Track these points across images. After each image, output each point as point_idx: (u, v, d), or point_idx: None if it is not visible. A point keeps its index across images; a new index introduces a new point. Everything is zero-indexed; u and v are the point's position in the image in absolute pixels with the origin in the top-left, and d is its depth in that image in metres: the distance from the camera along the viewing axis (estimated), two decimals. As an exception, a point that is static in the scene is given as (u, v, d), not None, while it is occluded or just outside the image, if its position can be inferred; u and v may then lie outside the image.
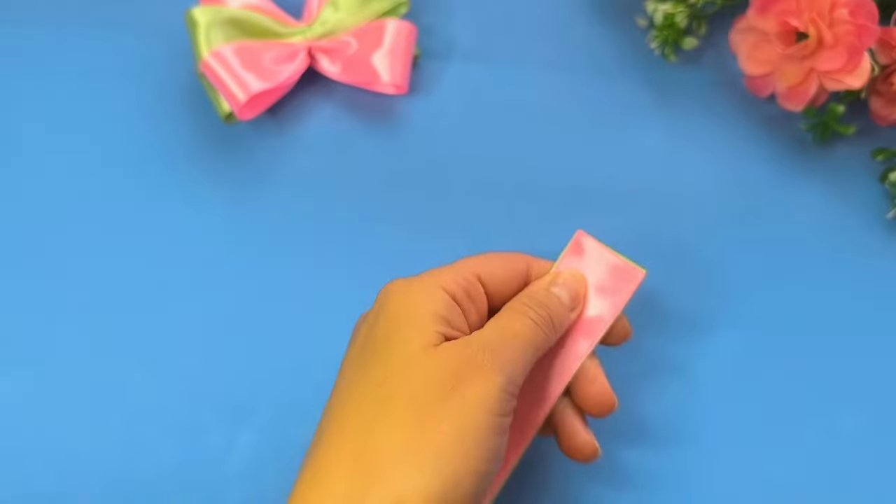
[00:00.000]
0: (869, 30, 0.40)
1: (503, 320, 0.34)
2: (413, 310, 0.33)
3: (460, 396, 0.30)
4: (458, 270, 0.35)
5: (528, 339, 0.33)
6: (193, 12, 0.45)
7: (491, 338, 0.33)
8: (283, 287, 0.43)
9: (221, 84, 0.44)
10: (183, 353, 0.42)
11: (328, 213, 0.45)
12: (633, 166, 0.46)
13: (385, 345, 0.32)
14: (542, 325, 0.34)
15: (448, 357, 0.31)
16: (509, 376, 0.32)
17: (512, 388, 0.32)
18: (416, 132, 0.47)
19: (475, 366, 0.31)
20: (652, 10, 0.47)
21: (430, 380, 0.31)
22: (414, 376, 0.31)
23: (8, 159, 0.46)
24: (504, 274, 0.36)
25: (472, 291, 0.35)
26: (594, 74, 0.48)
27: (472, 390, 0.30)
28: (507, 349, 0.32)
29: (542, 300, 0.35)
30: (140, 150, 0.46)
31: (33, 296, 0.43)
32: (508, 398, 0.31)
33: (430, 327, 0.32)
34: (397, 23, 0.46)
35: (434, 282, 0.34)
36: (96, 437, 0.41)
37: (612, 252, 0.38)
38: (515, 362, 0.32)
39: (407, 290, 0.34)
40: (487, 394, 0.31)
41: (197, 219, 0.45)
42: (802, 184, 0.45)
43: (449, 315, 0.33)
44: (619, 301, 0.37)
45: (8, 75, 0.48)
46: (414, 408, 0.30)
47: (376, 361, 0.32)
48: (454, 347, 0.32)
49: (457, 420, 0.30)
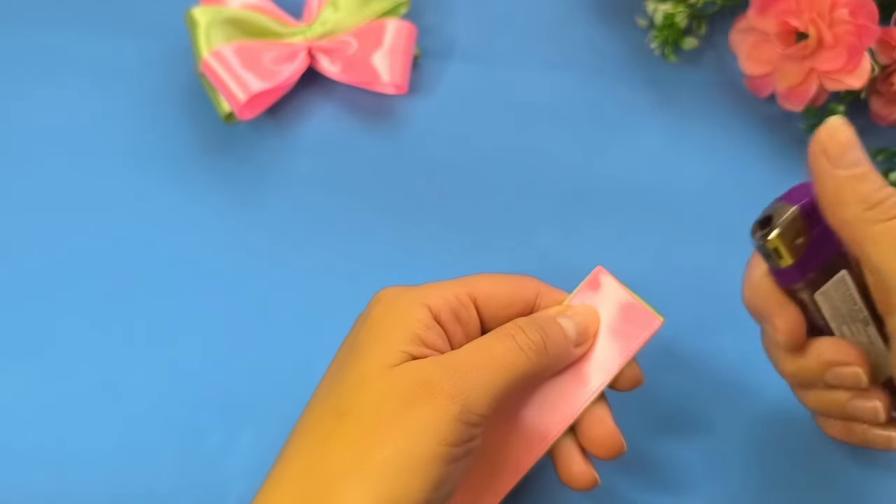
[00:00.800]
0: (869, 30, 0.40)
1: (485, 341, 0.32)
2: (388, 325, 0.32)
3: (407, 421, 0.29)
4: (452, 288, 0.34)
5: (505, 364, 0.31)
6: (193, 12, 0.45)
7: (460, 360, 0.31)
8: (284, 286, 0.43)
9: (221, 84, 0.44)
10: (183, 353, 0.42)
11: (328, 212, 0.45)
12: (633, 166, 0.46)
13: (352, 359, 0.32)
14: (528, 351, 0.32)
15: (403, 377, 0.30)
16: (467, 404, 0.30)
17: (470, 416, 0.30)
18: (416, 132, 0.47)
19: (429, 390, 0.30)
20: (652, 10, 0.47)
21: (381, 400, 0.30)
22: (366, 395, 0.30)
23: (8, 159, 0.46)
24: (505, 298, 0.34)
25: (461, 312, 0.33)
26: (594, 74, 0.48)
27: (420, 416, 0.29)
28: (475, 374, 0.30)
29: (541, 325, 0.33)
30: (140, 149, 0.46)
31: (33, 296, 0.43)
32: (463, 427, 0.30)
33: (396, 346, 0.31)
34: (397, 23, 0.46)
35: (420, 297, 0.33)
36: (96, 436, 0.41)
37: (630, 293, 0.36)
38: (480, 389, 0.30)
39: (391, 304, 0.33)
40: (437, 421, 0.29)
41: (197, 219, 0.45)
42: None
43: (425, 334, 0.32)
44: (631, 347, 0.35)
45: (8, 75, 0.48)
46: (362, 428, 0.29)
47: (341, 376, 0.31)
48: (413, 367, 0.30)
49: (400, 445, 0.29)
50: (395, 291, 0.34)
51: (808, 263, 0.32)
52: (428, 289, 0.33)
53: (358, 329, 0.33)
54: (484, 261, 0.44)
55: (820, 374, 0.33)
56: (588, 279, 0.36)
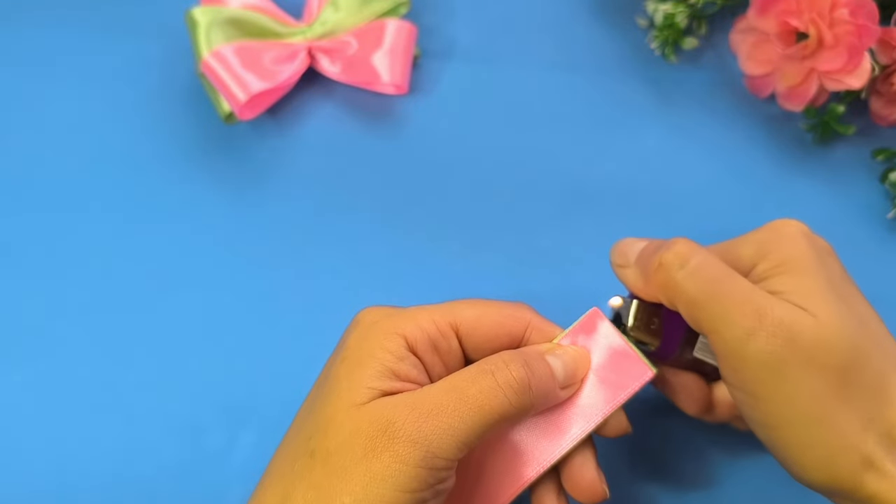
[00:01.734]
0: (869, 30, 0.40)
1: (459, 378, 0.30)
2: (360, 358, 0.31)
3: (367, 467, 0.28)
4: (432, 315, 0.32)
5: (479, 405, 0.30)
6: (193, 12, 0.45)
7: (429, 399, 0.30)
8: (284, 286, 0.43)
9: (221, 84, 0.44)
10: (183, 353, 0.42)
11: (328, 212, 0.45)
12: (633, 166, 0.46)
13: (324, 394, 0.31)
14: (508, 390, 0.30)
15: (369, 418, 0.29)
16: (430, 449, 0.28)
17: (434, 461, 0.29)
18: (416, 132, 0.47)
19: (390, 434, 0.29)
20: (652, 10, 0.47)
21: (345, 444, 0.29)
22: (333, 436, 0.29)
23: (8, 159, 0.46)
24: (491, 329, 0.33)
25: (439, 342, 0.32)
26: (594, 74, 0.48)
27: (380, 463, 0.28)
28: (442, 416, 0.29)
29: (527, 360, 0.31)
30: (140, 150, 0.46)
31: (33, 295, 0.43)
32: (427, 472, 0.28)
33: (365, 382, 0.30)
34: (397, 23, 0.46)
35: (395, 326, 0.31)
36: (96, 436, 0.41)
37: (625, 340, 0.34)
38: (447, 434, 0.29)
39: (366, 333, 0.32)
40: (397, 469, 0.28)
41: (197, 219, 0.45)
42: (802, 184, 0.45)
43: (397, 366, 0.31)
44: (619, 397, 0.33)
45: (8, 75, 0.48)
46: (328, 470, 0.29)
47: (314, 410, 0.31)
48: (379, 407, 0.29)
49: (360, 492, 0.28)
50: (372, 317, 0.32)
51: (672, 335, 0.35)
52: (406, 316, 0.32)
53: (334, 358, 0.32)
54: (484, 261, 0.44)
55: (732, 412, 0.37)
56: (582, 320, 0.35)
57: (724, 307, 0.30)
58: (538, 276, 0.43)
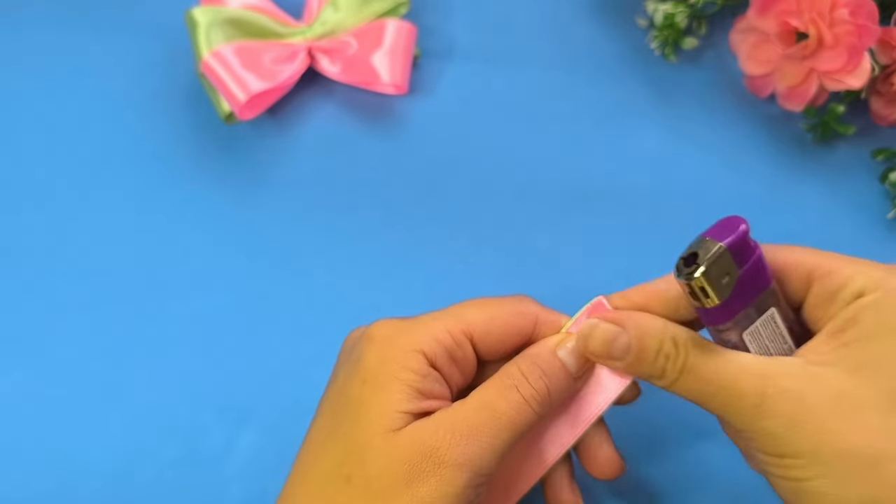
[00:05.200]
0: (869, 30, 0.40)
1: (488, 393, 0.31)
2: (384, 380, 0.31)
3: (415, 492, 0.29)
4: (446, 324, 0.32)
5: (510, 420, 0.31)
6: (193, 12, 0.45)
7: (464, 420, 0.30)
8: (284, 287, 0.43)
9: (221, 84, 0.44)
10: (183, 354, 0.42)
11: (328, 212, 0.45)
12: (633, 166, 0.46)
13: (352, 418, 0.31)
14: (533, 403, 0.31)
15: (409, 445, 0.30)
16: (475, 470, 0.30)
17: (478, 479, 0.30)
18: (416, 132, 0.47)
19: (436, 460, 0.29)
20: (652, 10, 0.47)
21: (386, 470, 0.29)
22: (371, 463, 0.30)
23: (7, 159, 0.46)
24: (502, 331, 0.33)
25: (456, 353, 0.32)
26: (594, 74, 0.48)
27: (428, 487, 0.29)
28: (480, 436, 0.30)
29: (544, 368, 0.32)
30: (140, 150, 0.46)
31: (33, 295, 0.43)
32: (473, 490, 0.30)
33: (396, 406, 0.30)
34: (397, 23, 0.46)
35: (414, 342, 0.32)
36: (96, 436, 0.41)
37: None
38: (488, 452, 0.30)
39: (384, 351, 0.32)
40: (444, 491, 0.29)
41: (197, 219, 0.45)
42: (802, 184, 0.45)
43: (422, 386, 0.31)
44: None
45: (8, 75, 0.48)
46: (369, 495, 0.29)
47: (342, 434, 0.31)
48: (417, 433, 0.30)
49: None
50: (386, 331, 0.32)
51: (735, 303, 0.30)
52: (421, 329, 0.32)
53: (351, 378, 0.32)
54: (484, 261, 0.44)
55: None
56: (589, 307, 0.34)
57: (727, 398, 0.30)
58: (538, 275, 0.43)
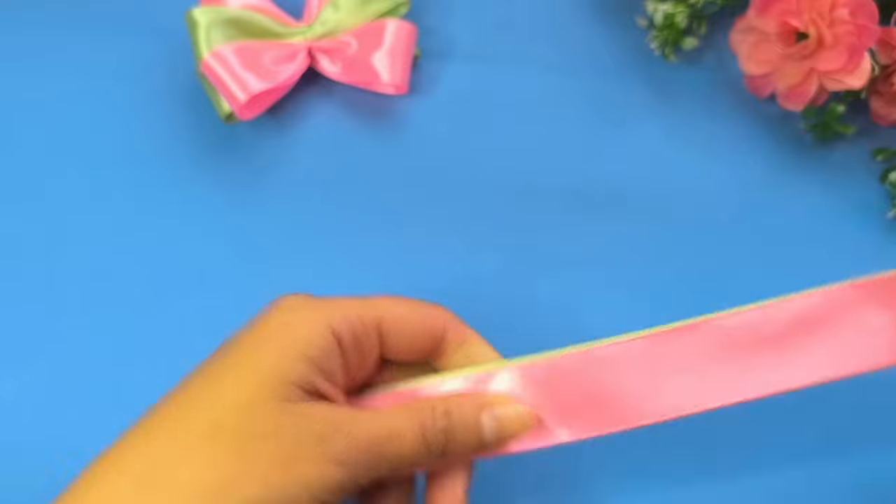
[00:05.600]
0: (869, 30, 0.40)
1: (398, 419, 0.30)
2: (286, 344, 0.30)
3: (289, 469, 0.28)
4: (357, 308, 0.31)
5: (404, 452, 0.30)
6: (193, 12, 0.45)
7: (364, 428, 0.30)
8: (283, 287, 0.43)
9: (221, 84, 0.44)
10: (183, 353, 0.42)
11: (328, 212, 0.45)
12: (633, 166, 0.46)
13: (240, 372, 0.30)
14: (431, 446, 0.31)
15: (296, 422, 0.29)
16: (352, 476, 0.29)
17: (350, 486, 0.29)
18: (416, 132, 0.47)
19: (321, 449, 0.29)
20: (652, 10, 0.47)
21: (266, 435, 0.28)
22: (248, 423, 0.28)
23: (7, 159, 0.46)
24: (414, 328, 0.32)
25: (363, 341, 0.31)
26: (594, 74, 0.48)
27: (304, 469, 0.28)
28: (374, 451, 0.30)
29: (454, 427, 0.31)
30: (140, 150, 0.46)
31: (33, 295, 0.43)
32: (340, 493, 0.29)
33: (290, 377, 0.29)
34: (397, 23, 0.46)
35: (324, 316, 0.30)
36: (96, 436, 0.40)
37: None
38: (372, 467, 0.30)
39: (292, 315, 0.31)
40: (317, 481, 0.28)
41: (197, 219, 0.45)
42: (802, 184, 0.45)
43: (323, 364, 0.30)
44: None
45: (8, 75, 0.48)
46: (235, 452, 0.28)
47: (223, 385, 0.30)
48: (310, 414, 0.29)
49: (276, 481, 0.28)
50: (295, 302, 0.31)
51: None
52: (332, 306, 0.31)
53: (245, 334, 0.31)
54: (484, 261, 0.44)
55: None
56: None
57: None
58: (538, 276, 0.43)
